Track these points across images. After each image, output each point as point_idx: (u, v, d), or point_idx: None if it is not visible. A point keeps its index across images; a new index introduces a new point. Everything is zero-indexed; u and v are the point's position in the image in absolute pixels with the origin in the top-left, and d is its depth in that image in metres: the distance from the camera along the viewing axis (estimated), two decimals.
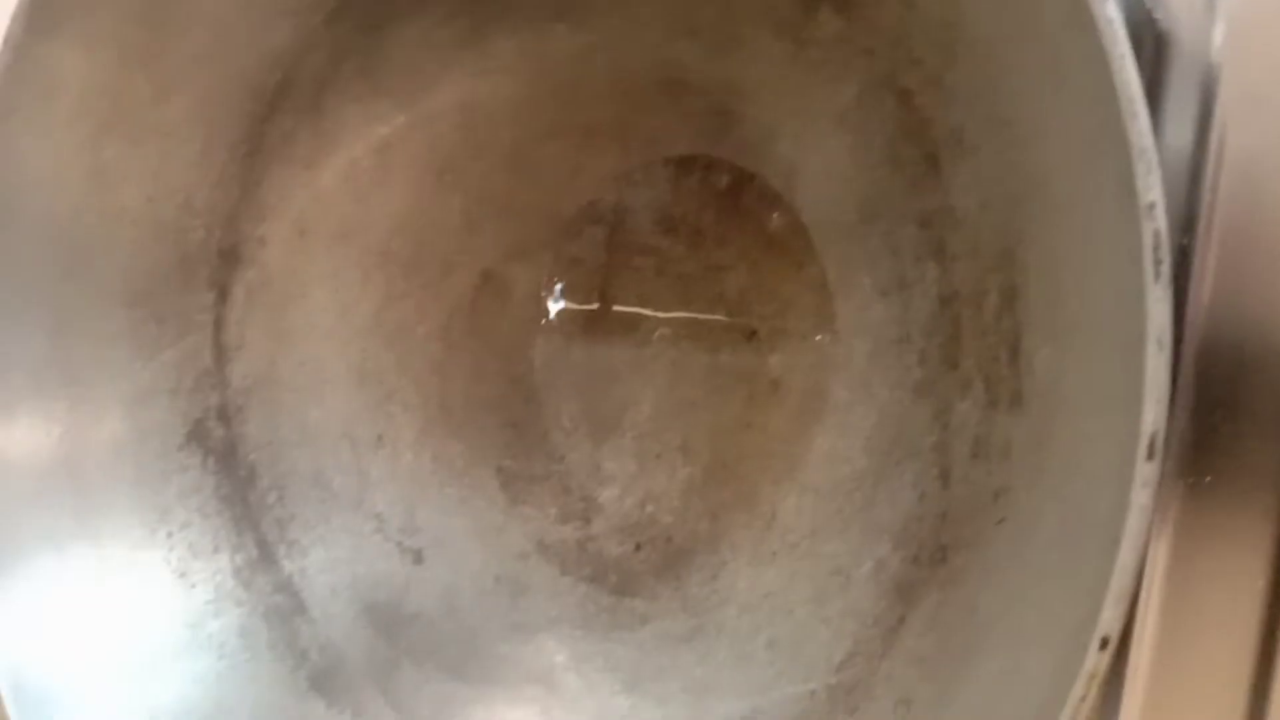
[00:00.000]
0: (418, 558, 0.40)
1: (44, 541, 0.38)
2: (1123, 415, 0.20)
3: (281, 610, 0.40)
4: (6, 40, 0.35)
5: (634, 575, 0.37)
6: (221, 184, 0.40)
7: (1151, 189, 0.18)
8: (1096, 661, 0.19)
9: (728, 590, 0.34)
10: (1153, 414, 0.18)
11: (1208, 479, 0.28)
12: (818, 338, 0.33)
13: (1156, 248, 0.18)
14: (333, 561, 0.41)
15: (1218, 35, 0.30)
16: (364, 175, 0.40)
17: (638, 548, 0.37)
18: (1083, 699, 0.19)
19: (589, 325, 0.39)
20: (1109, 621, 0.19)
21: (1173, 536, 0.30)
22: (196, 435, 0.41)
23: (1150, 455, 0.18)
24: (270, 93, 0.39)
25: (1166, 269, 0.18)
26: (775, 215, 0.34)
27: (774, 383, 0.34)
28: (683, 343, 0.37)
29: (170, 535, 0.40)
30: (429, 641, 0.39)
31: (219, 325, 0.41)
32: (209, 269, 0.40)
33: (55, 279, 0.38)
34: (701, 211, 0.36)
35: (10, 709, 0.33)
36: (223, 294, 0.41)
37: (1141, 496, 0.18)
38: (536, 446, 0.40)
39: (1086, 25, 0.19)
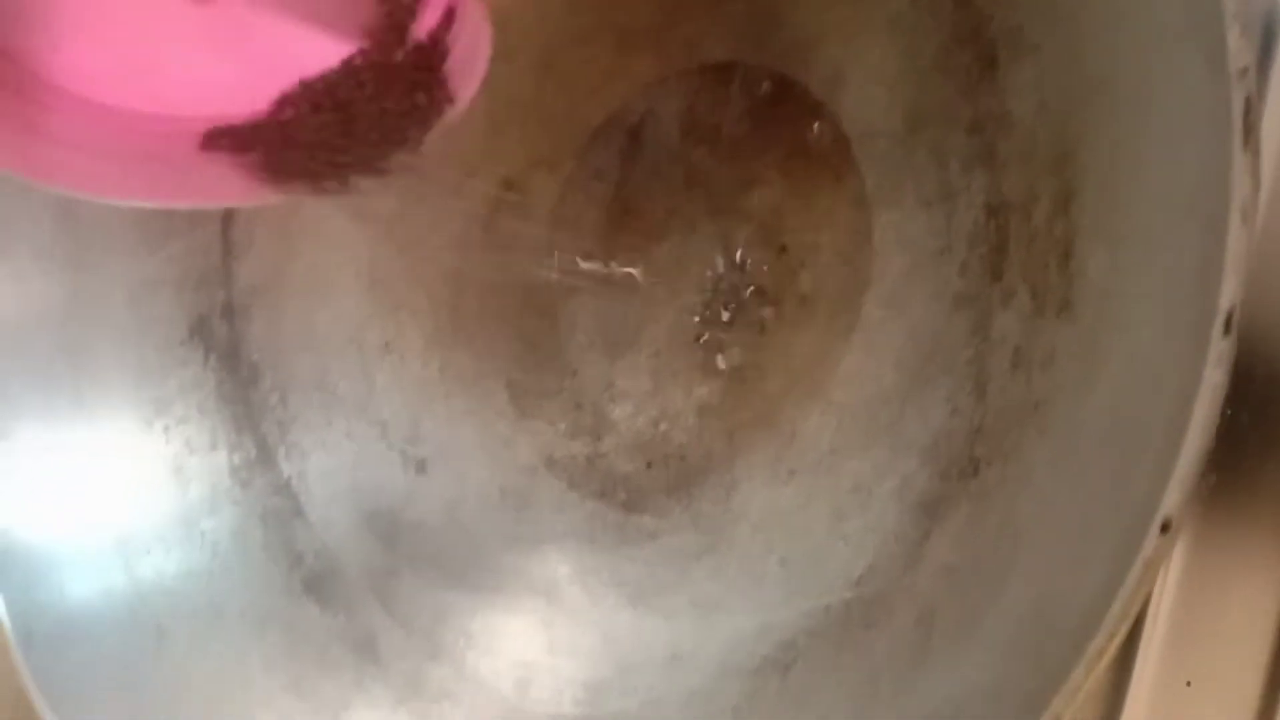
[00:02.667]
0: (421, 467, 0.39)
1: (40, 419, 0.37)
2: (1194, 297, 0.19)
3: (278, 512, 0.39)
4: None
5: (644, 492, 0.36)
6: None
7: (1244, 54, 0.18)
8: (1157, 546, 0.18)
9: (741, 508, 0.33)
10: (1231, 288, 0.17)
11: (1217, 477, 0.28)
12: (851, 253, 0.32)
13: (1247, 113, 0.17)
14: (333, 467, 0.40)
15: None
16: None
17: (649, 465, 0.36)
18: (1139, 585, 0.18)
19: (610, 238, 0.38)
20: (1172, 504, 0.18)
21: (1189, 539, 0.29)
22: (200, 331, 0.40)
23: (1227, 330, 0.18)
24: None
25: (1256, 136, 0.17)
26: (815, 125, 0.33)
27: (802, 299, 0.33)
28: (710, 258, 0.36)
29: (167, 429, 0.39)
30: (429, 550, 0.38)
31: (229, 221, 0.40)
32: None
33: None
34: (737, 122, 0.35)
35: None
36: None
37: (1215, 375, 0.18)
38: (549, 360, 0.39)
39: None
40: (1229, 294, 0.17)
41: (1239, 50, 0.17)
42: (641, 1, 0.35)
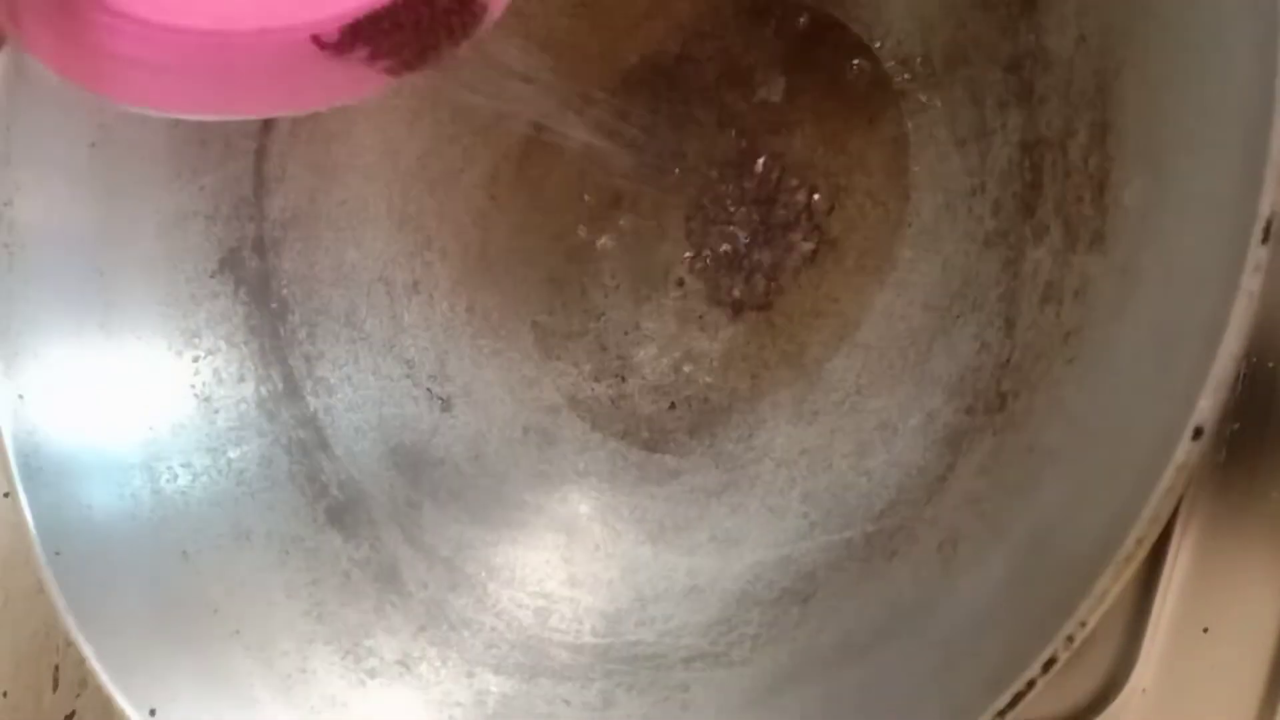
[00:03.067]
0: (446, 405, 0.40)
1: (69, 346, 0.37)
2: (1232, 211, 0.19)
3: (304, 444, 0.39)
4: None
5: (666, 432, 0.36)
6: None
7: None
8: (1188, 451, 0.18)
9: (764, 447, 0.33)
10: (1271, 196, 0.18)
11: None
12: (884, 194, 0.32)
13: None
14: (359, 401, 0.40)
15: None
16: None
17: (672, 406, 0.36)
18: (1170, 489, 0.18)
19: (640, 180, 0.38)
20: (1205, 410, 0.18)
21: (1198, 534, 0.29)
22: (230, 263, 0.40)
23: (1265, 239, 0.18)
24: None
25: None
26: (853, 66, 0.33)
27: (832, 242, 0.33)
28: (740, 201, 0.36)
29: (196, 360, 0.39)
30: (452, 485, 0.38)
31: (261, 154, 0.40)
32: None
33: None
34: (771, 64, 0.35)
35: (16, 477, 0.33)
36: (267, 122, 0.40)
37: (1252, 282, 0.18)
38: (575, 302, 0.39)
39: None
40: (1269, 200, 0.18)
41: None
42: None
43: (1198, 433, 0.18)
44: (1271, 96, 0.18)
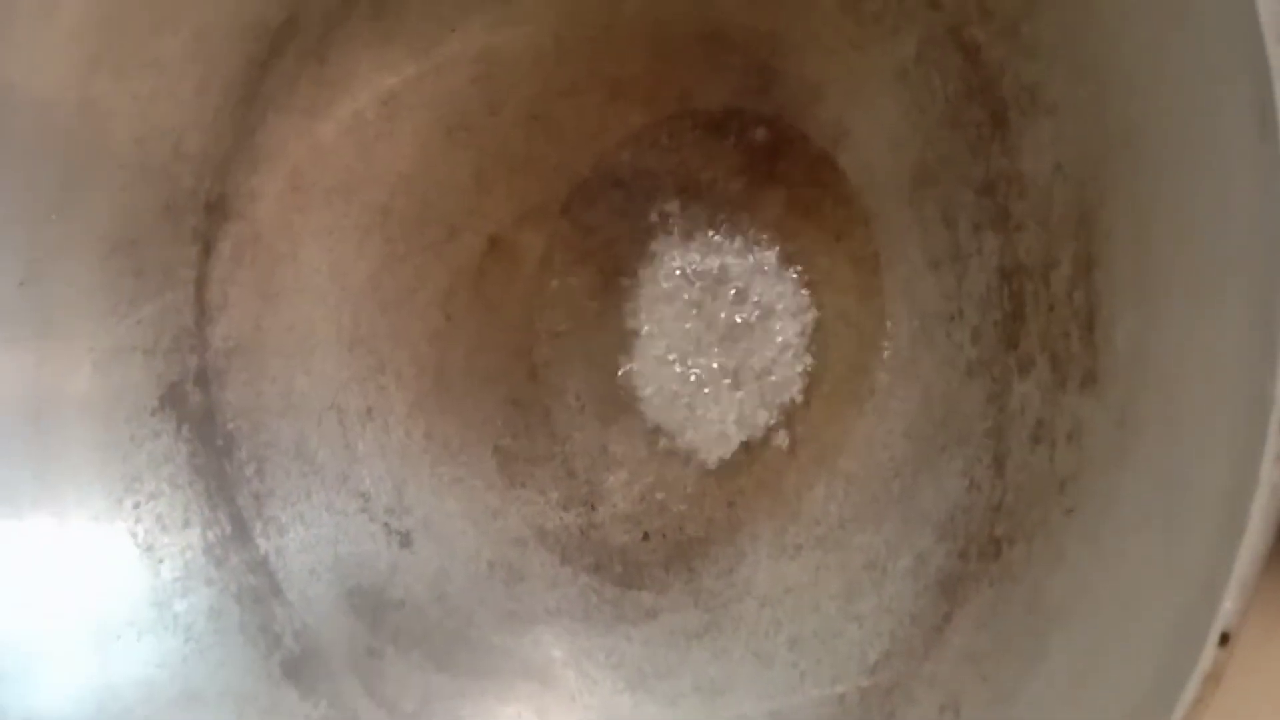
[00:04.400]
0: (405, 540, 0.37)
1: (2, 500, 0.35)
2: (1242, 380, 0.17)
3: (255, 591, 0.37)
4: None
5: (641, 566, 0.34)
6: (214, 129, 0.37)
7: None
8: (1215, 660, 0.16)
9: (746, 584, 0.32)
10: None
11: None
12: (856, 315, 0.30)
13: None
14: (313, 541, 0.38)
15: None
16: (369, 128, 0.38)
17: (646, 536, 0.35)
18: (1197, 701, 0.16)
19: (600, 295, 0.37)
20: (1230, 614, 0.16)
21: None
22: (172, 399, 0.38)
23: None
24: (273, 33, 0.36)
25: None
26: (816, 181, 0.31)
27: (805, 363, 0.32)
28: None
29: (138, 506, 0.37)
30: (415, 629, 0.36)
31: (202, 282, 0.38)
32: (195, 220, 0.38)
33: (34, 220, 0.35)
34: (732, 176, 0.34)
35: None
36: (208, 248, 0.38)
37: (1274, 474, 0.16)
38: (539, 425, 0.37)
39: None
40: None
41: None
42: (633, 53, 0.34)
43: (1224, 639, 0.16)
44: (1278, 253, 0.16)
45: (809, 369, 0.32)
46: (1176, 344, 0.20)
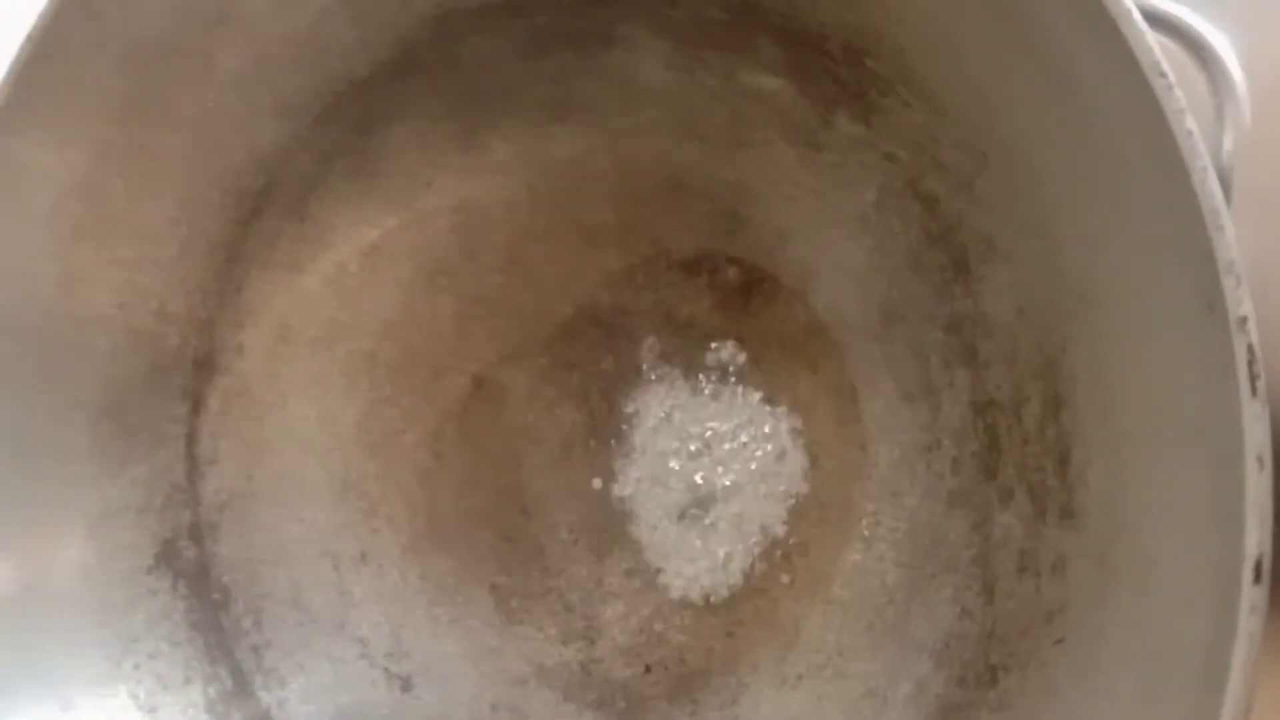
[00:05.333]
0: (406, 684, 0.38)
1: None
2: (1213, 534, 0.19)
3: None
4: None
5: (644, 699, 0.35)
6: (199, 289, 0.38)
7: (1243, 303, 0.18)
8: None
9: (749, 715, 0.32)
10: (1256, 536, 0.17)
11: None
12: (836, 445, 0.32)
13: (1252, 363, 0.18)
14: (314, 690, 0.38)
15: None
16: (351, 278, 0.39)
17: (647, 669, 0.35)
18: None
19: (586, 431, 0.38)
20: None
21: None
22: (166, 556, 0.38)
23: (1257, 579, 0.17)
24: (253, 195, 0.37)
25: (1263, 385, 0.18)
26: (789, 317, 0.33)
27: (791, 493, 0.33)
28: None
29: (137, 667, 0.37)
30: None
31: (192, 438, 0.39)
32: (183, 378, 0.38)
33: (19, 392, 0.35)
34: (709, 314, 0.35)
35: None
36: (196, 404, 0.39)
37: (1251, 624, 0.17)
38: (533, 561, 0.38)
39: (1158, 138, 0.19)
40: (1254, 543, 0.17)
41: (1236, 301, 0.18)
42: (604, 201, 0.36)
43: None
44: (1238, 428, 0.18)
45: (795, 498, 0.33)
46: (1146, 493, 0.22)
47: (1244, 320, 0.18)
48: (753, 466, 0.34)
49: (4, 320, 0.35)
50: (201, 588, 0.38)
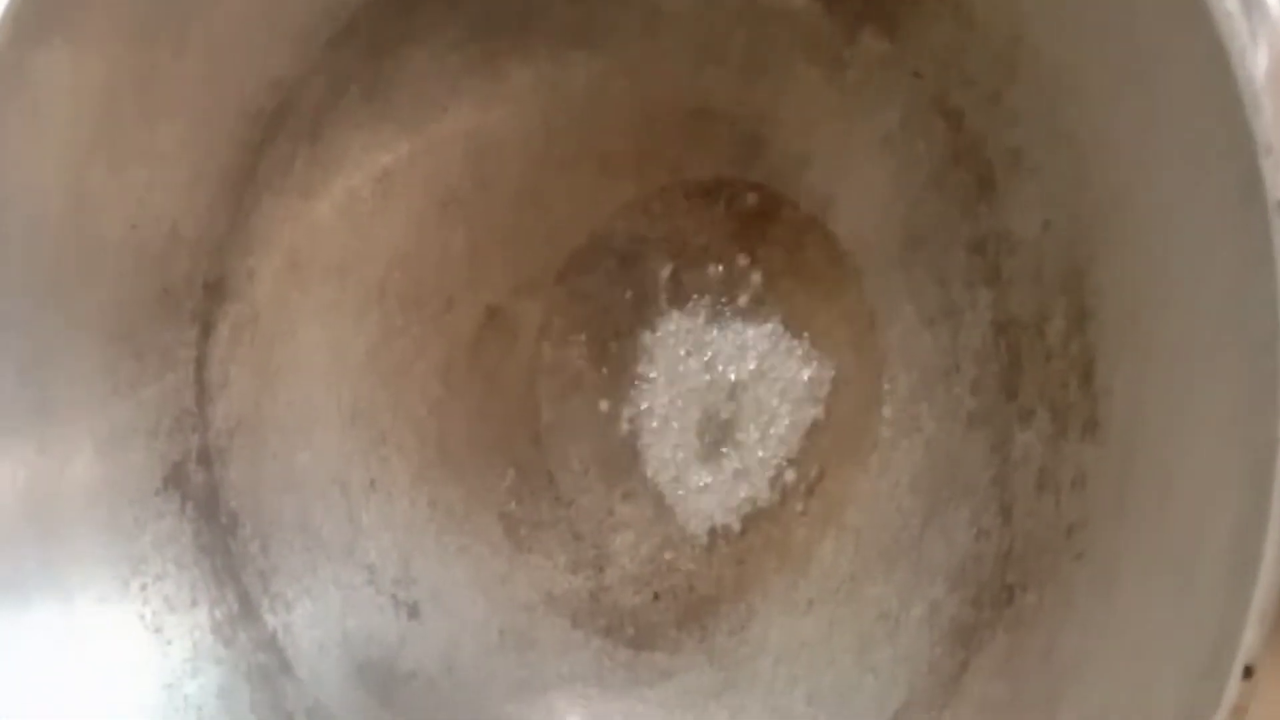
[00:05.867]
0: (413, 611, 0.38)
1: (7, 591, 0.35)
2: (1243, 425, 0.18)
3: (265, 669, 0.37)
4: None
5: (653, 626, 0.34)
6: (210, 213, 0.37)
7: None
8: (1240, 692, 0.17)
9: (759, 640, 0.32)
10: None
11: None
12: (854, 373, 0.31)
13: None
14: (320, 616, 0.38)
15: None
16: (363, 206, 0.39)
17: (656, 597, 0.35)
18: None
19: (599, 361, 0.37)
20: (1252, 646, 0.17)
21: None
22: (175, 479, 0.38)
23: None
24: (267, 118, 0.37)
25: None
26: (808, 243, 0.32)
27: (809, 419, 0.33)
28: None
29: (144, 588, 0.37)
30: (427, 702, 0.36)
31: (202, 362, 0.39)
32: (193, 302, 0.38)
33: (31, 309, 0.35)
34: (726, 242, 0.35)
35: None
36: (207, 329, 0.38)
37: None
38: (543, 490, 0.38)
39: (1195, 22, 0.19)
40: None
41: (1275, 183, 0.17)
42: (622, 128, 0.35)
43: (1248, 672, 0.17)
44: (1274, 317, 0.18)
45: (811, 426, 0.33)
46: (1175, 395, 0.21)
47: None
48: (768, 395, 0.34)
49: (16, 238, 0.35)
50: (210, 512, 0.38)
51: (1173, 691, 0.19)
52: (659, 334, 0.36)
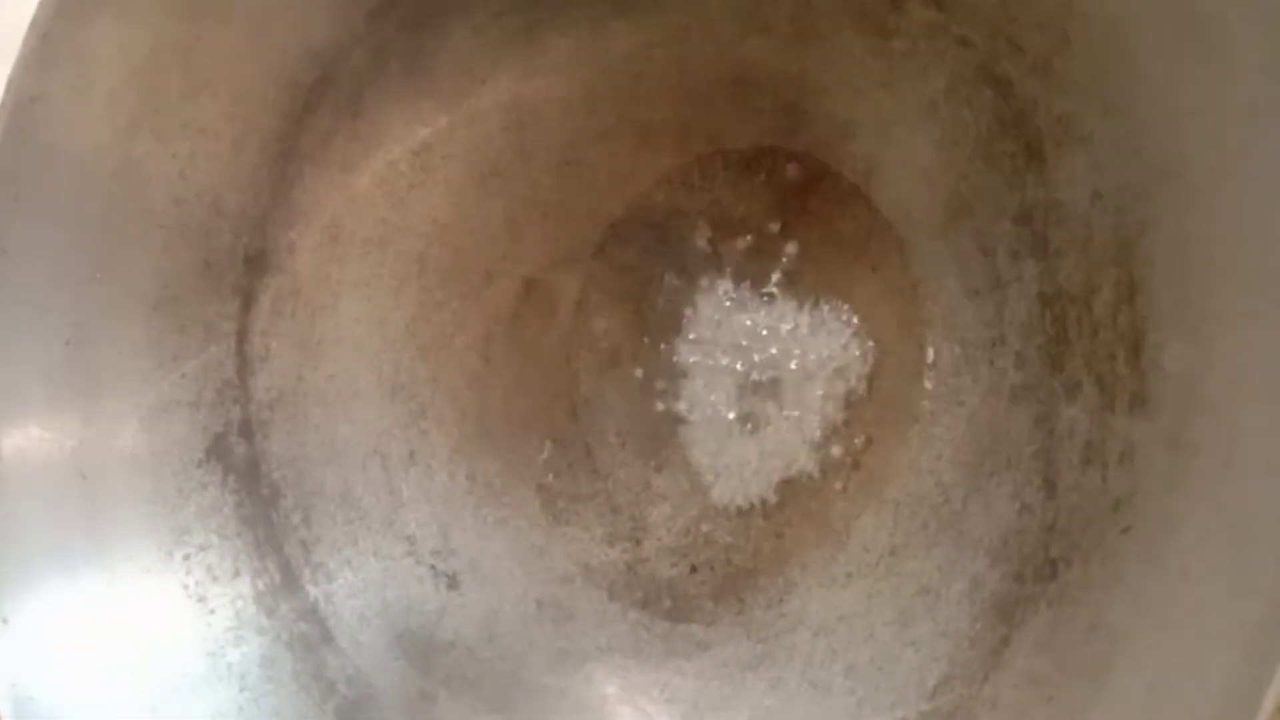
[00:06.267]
0: (453, 582, 0.38)
1: (54, 562, 0.35)
2: None
3: (307, 638, 0.37)
4: (34, 24, 0.33)
5: (690, 599, 0.34)
6: (252, 186, 0.38)
7: None
8: None
9: (797, 613, 0.32)
10: None
11: None
12: (896, 345, 0.31)
13: None
14: (361, 586, 0.38)
15: None
16: (403, 179, 0.39)
17: (693, 569, 0.35)
18: (1276, 712, 0.17)
19: (637, 334, 0.37)
20: None
21: None
22: (217, 451, 0.39)
23: None
24: (307, 91, 0.37)
25: None
26: (850, 215, 0.32)
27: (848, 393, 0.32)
28: None
29: (188, 558, 0.38)
30: (466, 672, 0.36)
31: (243, 335, 0.39)
32: (235, 275, 0.38)
33: (76, 283, 0.36)
34: (766, 214, 0.34)
35: (7, 713, 0.31)
36: (248, 302, 0.39)
37: None
38: (581, 463, 0.38)
39: None
40: None
41: None
42: (662, 98, 0.35)
43: None
44: None
45: (850, 399, 0.32)
46: (1229, 367, 0.21)
47: None
48: (808, 369, 0.33)
49: (61, 210, 0.35)
50: (251, 483, 0.39)
51: (1222, 667, 0.19)
52: (697, 307, 0.36)
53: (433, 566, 0.38)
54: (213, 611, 0.37)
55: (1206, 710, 0.19)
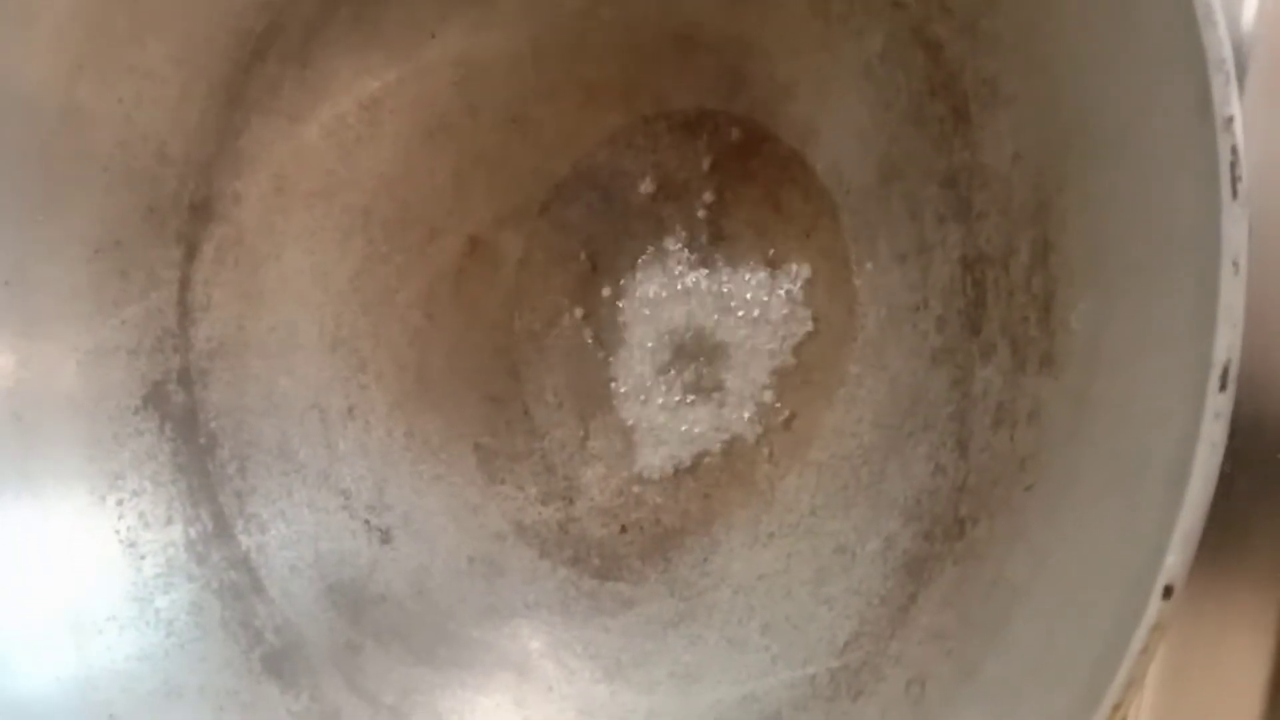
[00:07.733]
0: (386, 536, 0.38)
1: None
2: (1187, 351, 0.18)
3: (236, 587, 0.37)
4: None
5: (618, 558, 0.35)
6: (198, 133, 0.37)
7: (1229, 102, 0.17)
8: (1160, 611, 0.17)
9: (720, 573, 0.32)
10: (1226, 340, 0.17)
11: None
12: (826, 309, 0.31)
13: (1234, 164, 0.17)
14: (294, 538, 0.38)
15: (1247, 17, 0.30)
16: (350, 131, 0.39)
17: (623, 529, 0.35)
18: (1143, 651, 0.17)
19: (578, 295, 0.37)
20: (1173, 567, 0.17)
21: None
22: (154, 398, 0.39)
23: (1223, 386, 0.17)
24: (256, 38, 0.37)
25: (1244, 186, 0.17)
26: (787, 179, 0.32)
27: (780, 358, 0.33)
28: None
29: (121, 503, 0.37)
30: (395, 624, 0.36)
31: (185, 283, 0.39)
32: (179, 223, 0.38)
33: (17, 223, 0.36)
34: (706, 176, 0.34)
35: None
36: (191, 250, 0.38)
37: (1214, 431, 0.17)
38: (518, 422, 0.38)
39: None
40: (1224, 347, 0.17)
41: (1224, 99, 0.17)
42: (608, 57, 0.35)
43: (1168, 592, 0.17)
44: (1218, 232, 0.17)
45: (783, 363, 0.33)
46: (1129, 322, 0.21)
47: (1230, 120, 0.17)
48: (742, 331, 0.34)
49: (6, 148, 0.35)
50: (188, 432, 0.39)
51: (1108, 612, 0.19)
52: (638, 269, 0.36)
53: (367, 521, 0.38)
54: (143, 557, 0.37)
55: (1091, 653, 0.19)
